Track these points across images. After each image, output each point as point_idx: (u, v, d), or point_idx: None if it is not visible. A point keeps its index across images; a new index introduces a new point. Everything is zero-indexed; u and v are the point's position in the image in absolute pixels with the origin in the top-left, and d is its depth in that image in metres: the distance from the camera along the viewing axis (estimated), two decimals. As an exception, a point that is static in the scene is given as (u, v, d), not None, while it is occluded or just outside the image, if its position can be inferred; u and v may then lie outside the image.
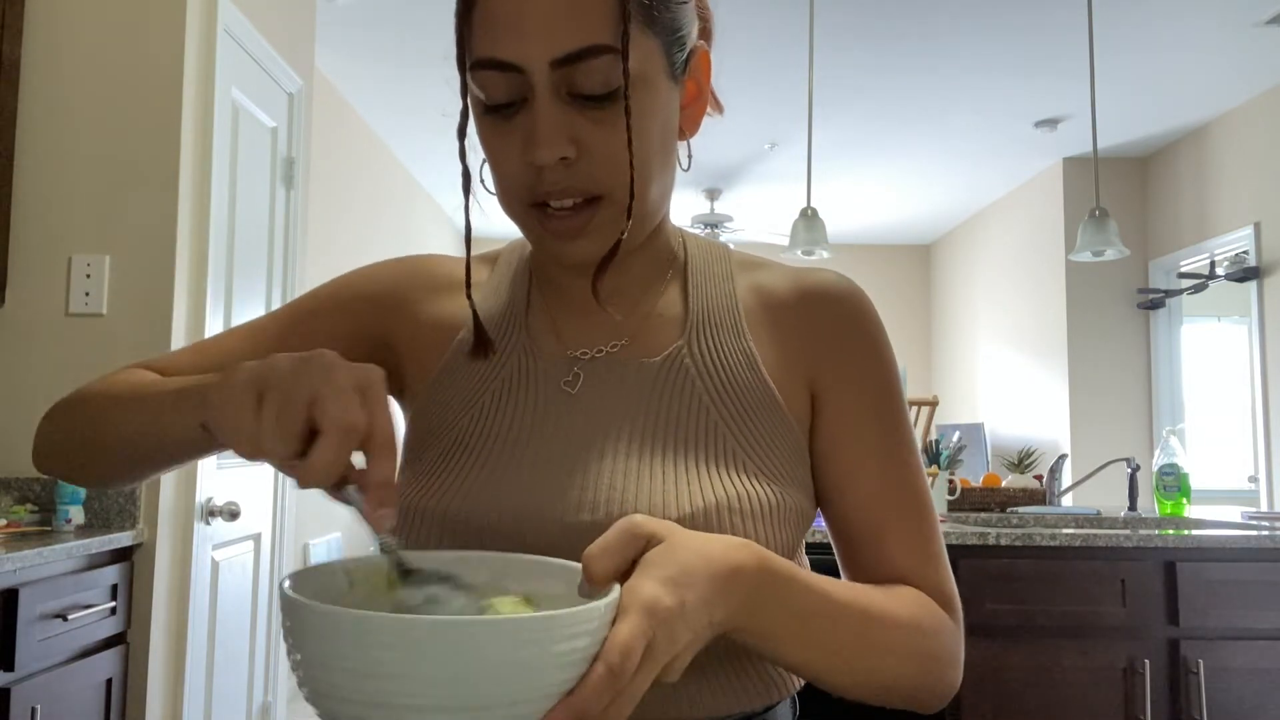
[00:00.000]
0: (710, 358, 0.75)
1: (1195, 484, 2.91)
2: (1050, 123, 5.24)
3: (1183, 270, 5.34)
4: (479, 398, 0.76)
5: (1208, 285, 5.13)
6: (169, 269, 2.32)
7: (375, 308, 0.82)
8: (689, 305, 0.78)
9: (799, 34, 4.06)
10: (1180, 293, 5.46)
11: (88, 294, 2.30)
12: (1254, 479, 4.73)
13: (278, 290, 2.98)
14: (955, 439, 3.09)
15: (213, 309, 2.50)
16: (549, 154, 0.66)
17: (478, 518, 0.68)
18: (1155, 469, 2.84)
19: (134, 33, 2.36)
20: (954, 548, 2.20)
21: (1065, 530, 2.25)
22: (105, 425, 0.72)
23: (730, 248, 0.85)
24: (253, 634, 2.82)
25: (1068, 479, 5.03)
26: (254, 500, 2.77)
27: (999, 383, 6.85)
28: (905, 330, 8.31)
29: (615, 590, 0.52)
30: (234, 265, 2.66)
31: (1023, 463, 3.15)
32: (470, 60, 0.67)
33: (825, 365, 0.77)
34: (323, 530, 4.76)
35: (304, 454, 0.53)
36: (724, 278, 0.81)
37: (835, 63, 4.46)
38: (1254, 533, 2.21)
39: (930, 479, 2.92)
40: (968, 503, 2.92)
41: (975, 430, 5.35)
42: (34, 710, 1.80)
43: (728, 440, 0.72)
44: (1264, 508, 4.52)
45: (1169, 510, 2.79)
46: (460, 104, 0.70)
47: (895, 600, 0.69)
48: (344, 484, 0.54)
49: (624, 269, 0.77)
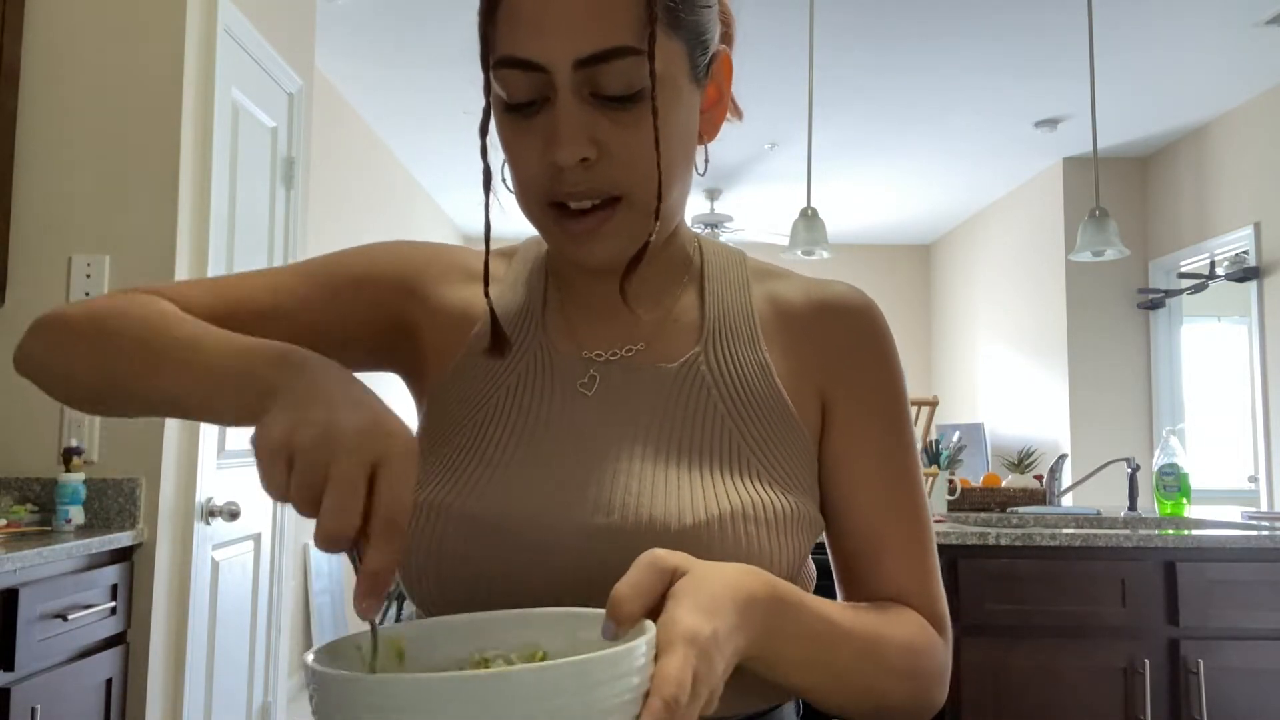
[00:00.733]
0: (726, 366, 0.76)
1: (1195, 484, 2.91)
2: (1050, 123, 5.24)
3: (1183, 270, 5.33)
4: (494, 394, 0.76)
5: (1208, 285, 5.13)
6: (169, 269, 2.32)
7: (398, 290, 0.81)
8: (705, 312, 0.79)
9: (799, 34, 4.06)
10: (1180, 293, 5.46)
11: (88, 294, 2.30)
12: (1254, 479, 4.73)
13: (278, 290, 2.97)
14: (955, 439, 3.09)
15: (213, 309, 2.50)
16: (570, 155, 0.66)
17: (493, 516, 0.69)
18: (1155, 469, 2.84)
19: (134, 33, 2.36)
20: (954, 548, 2.20)
21: (1065, 530, 2.25)
22: (125, 364, 0.66)
23: (745, 254, 0.86)
24: (253, 634, 2.82)
25: (1068, 479, 5.03)
26: (254, 500, 2.77)
27: (999, 383, 6.85)
28: (905, 330, 8.31)
29: (650, 628, 0.51)
30: (234, 265, 2.65)
31: (1023, 463, 3.15)
32: (493, 58, 0.67)
33: (836, 377, 0.77)
34: (323, 530, 4.75)
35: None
36: (740, 285, 0.81)
37: (835, 63, 4.46)
38: (1254, 533, 2.21)
39: (930, 479, 2.92)
40: (968, 503, 2.92)
41: (975, 430, 5.36)
42: (34, 710, 1.80)
43: (742, 448, 0.72)
44: (1264, 508, 4.52)
45: (1169, 510, 2.79)
46: (483, 101, 0.70)
47: (892, 623, 0.71)
48: (355, 549, 0.54)
49: (641, 272, 0.77)
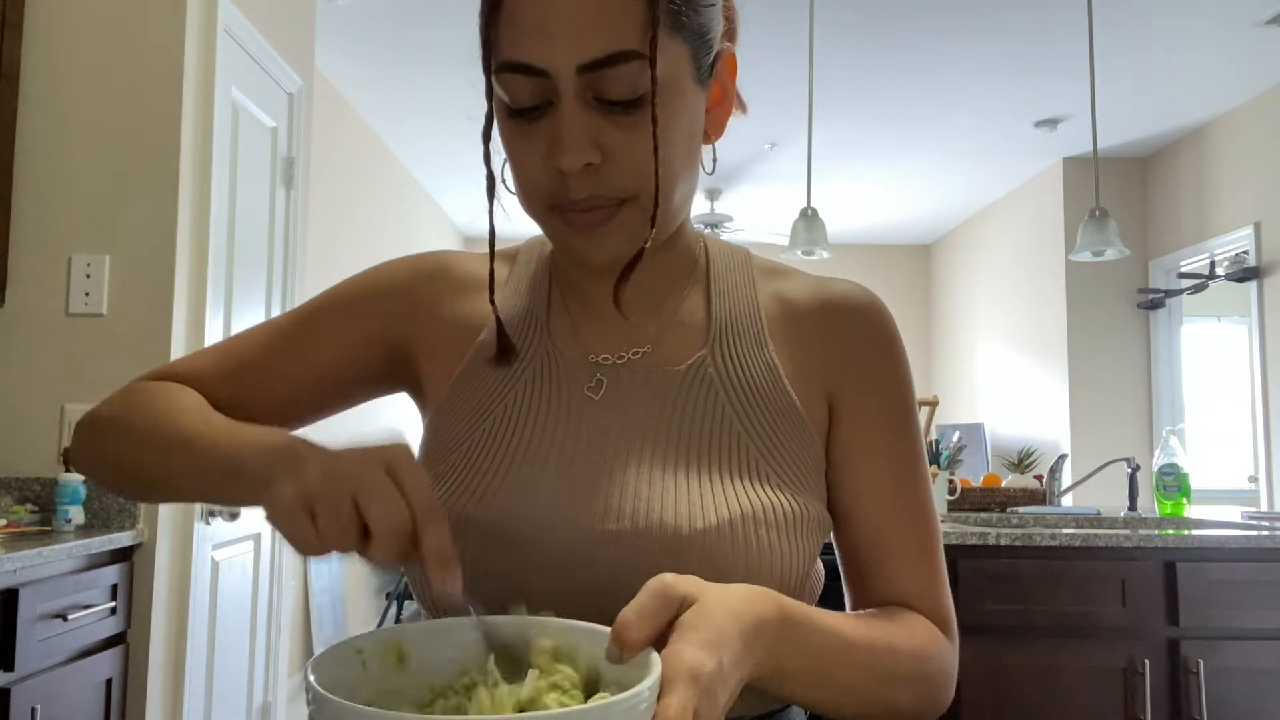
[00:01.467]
0: (733, 368, 0.75)
1: (1195, 484, 2.90)
2: (1050, 123, 5.23)
3: (1183, 270, 5.33)
4: (501, 400, 0.75)
5: (1208, 285, 5.13)
6: (169, 269, 2.32)
7: (393, 310, 0.81)
8: (711, 313, 0.78)
9: (799, 34, 4.06)
10: (1180, 293, 5.45)
11: (88, 294, 2.30)
12: (1254, 479, 4.73)
13: (278, 290, 2.97)
14: (955, 439, 3.09)
15: (213, 309, 2.50)
16: (574, 160, 0.65)
17: (504, 523, 0.68)
18: (1155, 469, 2.84)
19: (134, 32, 2.36)
20: (954, 548, 2.20)
21: (1065, 530, 2.25)
22: (145, 460, 0.72)
23: (750, 253, 0.85)
24: (253, 634, 2.82)
25: (1068, 479, 5.02)
26: (254, 500, 2.77)
27: (999, 383, 6.85)
28: (905, 330, 8.31)
29: (655, 666, 0.51)
30: (234, 265, 2.65)
31: (1023, 463, 3.15)
32: (495, 63, 0.67)
33: (844, 377, 0.77)
34: (323, 530, 4.75)
35: (365, 538, 0.56)
36: (746, 285, 0.81)
37: (835, 63, 4.46)
38: (1254, 533, 2.21)
39: (930, 479, 2.91)
40: (968, 503, 2.92)
41: (975, 430, 5.35)
42: (34, 710, 1.80)
43: (750, 451, 0.72)
44: (1264, 508, 4.52)
45: (1169, 510, 2.79)
46: (484, 105, 0.69)
47: (900, 629, 0.70)
48: (407, 558, 0.56)
49: (646, 273, 0.76)
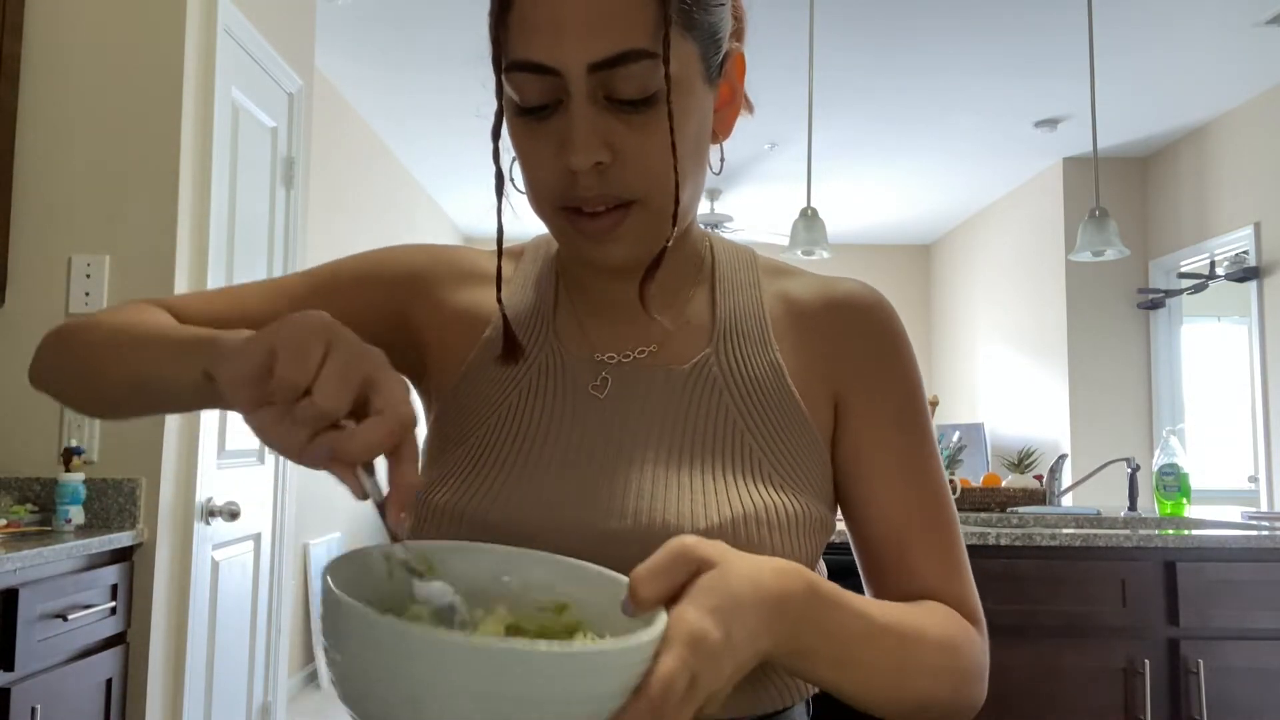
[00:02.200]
0: (737, 368, 0.75)
1: (1195, 484, 2.90)
2: (1050, 123, 5.23)
3: (1183, 270, 5.33)
4: (506, 397, 0.75)
5: (1208, 285, 5.13)
6: (169, 269, 2.32)
7: (401, 288, 0.81)
8: (716, 313, 0.78)
9: (799, 34, 4.06)
10: (1180, 293, 5.45)
11: (88, 294, 2.30)
12: (1254, 479, 4.73)
13: (278, 290, 2.97)
14: (955, 439, 3.09)
15: (213, 309, 2.50)
16: (584, 159, 0.65)
17: (507, 520, 0.68)
18: (1155, 469, 2.84)
19: (134, 32, 2.36)
20: (954, 548, 2.20)
21: (1065, 530, 2.25)
22: (109, 358, 0.69)
23: (755, 253, 0.85)
24: (253, 634, 2.82)
25: (1068, 479, 5.02)
26: (254, 500, 2.77)
27: (999, 383, 6.85)
28: (906, 330, 8.31)
29: (660, 622, 0.50)
30: (234, 265, 2.65)
31: (1023, 463, 3.15)
32: (506, 62, 0.66)
33: (850, 376, 0.77)
34: (323, 531, 4.76)
35: (333, 426, 0.51)
36: (751, 285, 0.81)
37: (835, 63, 4.46)
38: (1254, 533, 2.21)
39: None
40: (968, 503, 2.92)
41: (975, 430, 5.36)
42: (34, 710, 1.80)
43: (754, 451, 0.72)
44: (1264, 508, 4.52)
45: (1169, 510, 2.79)
46: (494, 104, 0.69)
47: (929, 619, 0.69)
48: (369, 470, 0.53)
49: (656, 274, 0.76)
